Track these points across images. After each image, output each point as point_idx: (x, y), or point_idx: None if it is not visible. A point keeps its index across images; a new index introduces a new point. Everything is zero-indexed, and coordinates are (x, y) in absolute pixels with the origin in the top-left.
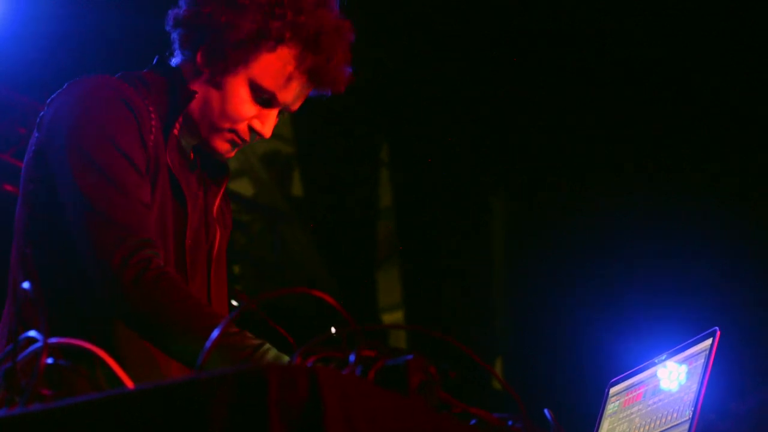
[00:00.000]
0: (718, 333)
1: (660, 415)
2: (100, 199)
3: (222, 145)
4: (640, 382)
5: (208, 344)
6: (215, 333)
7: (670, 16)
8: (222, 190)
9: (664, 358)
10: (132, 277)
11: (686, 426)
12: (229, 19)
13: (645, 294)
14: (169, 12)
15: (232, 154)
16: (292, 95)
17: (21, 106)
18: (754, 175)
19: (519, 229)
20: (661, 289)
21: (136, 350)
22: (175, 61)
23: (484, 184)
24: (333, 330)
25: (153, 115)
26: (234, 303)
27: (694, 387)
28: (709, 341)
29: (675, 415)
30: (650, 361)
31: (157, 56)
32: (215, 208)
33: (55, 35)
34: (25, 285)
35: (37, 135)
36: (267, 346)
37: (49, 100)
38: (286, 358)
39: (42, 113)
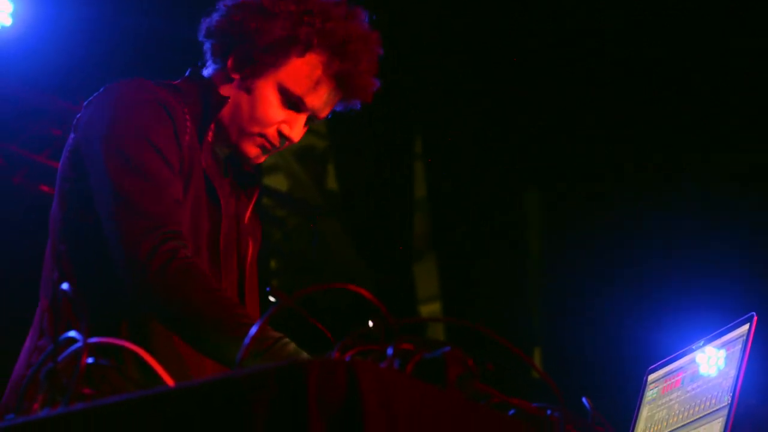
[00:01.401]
0: (755, 318)
1: (699, 401)
2: (130, 191)
3: (252, 150)
4: (679, 369)
5: (246, 340)
6: (253, 330)
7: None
8: (252, 202)
9: (701, 344)
10: (158, 266)
11: (725, 411)
12: (259, 25)
13: (682, 280)
14: (202, 22)
15: (262, 159)
16: (320, 100)
17: (55, 109)
18: None
19: (554, 220)
20: (697, 275)
21: (168, 348)
22: (207, 71)
23: (519, 174)
24: (370, 324)
25: (188, 117)
26: (271, 299)
27: (733, 372)
28: (746, 326)
29: (714, 401)
30: (688, 347)
31: (189, 68)
32: (246, 219)
33: (88, 38)
34: (65, 286)
35: (73, 136)
36: (286, 339)
37: (86, 102)
38: (304, 353)
39: (78, 115)
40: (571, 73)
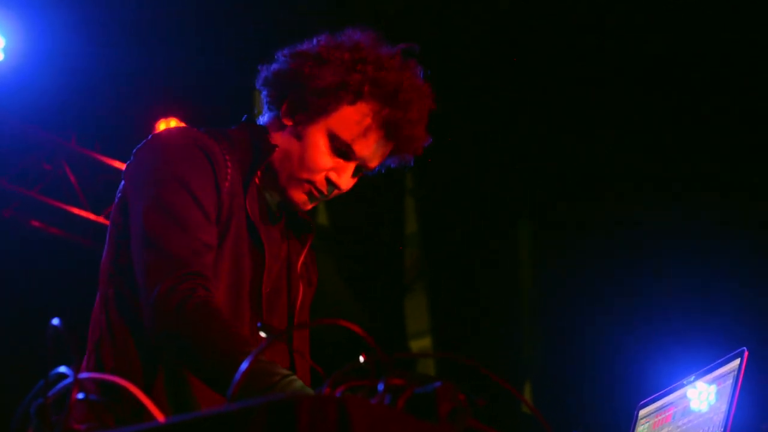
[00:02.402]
0: (746, 353)
1: None
2: (158, 233)
3: (299, 196)
4: (670, 404)
5: (238, 375)
6: (244, 364)
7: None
8: (306, 248)
9: (692, 379)
10: (175, 304)
11: None
12: (312, 71)
13: (672, 316)
14: (260, 71)
15: (310, 206)
16: (368, 149)
17: (47, 143)
18: None
19: (545, 254)
20: (688, 310)
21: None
22: (262, 118)
23: (510, 208)
24: (361, 359)
25: (229, 164)
26: (262, 334)
27: (724, 407)
28: (737, 361)
29: None
30: (679, 382)
31: (245, 115)
32: (299, 265)
33: (80, 73)
34: (55, 321)
35: (122, 183)
36: (293, 376)
37: (135, 150)
38: (310, 390)
39: (128, 162)
40: (559, 103)
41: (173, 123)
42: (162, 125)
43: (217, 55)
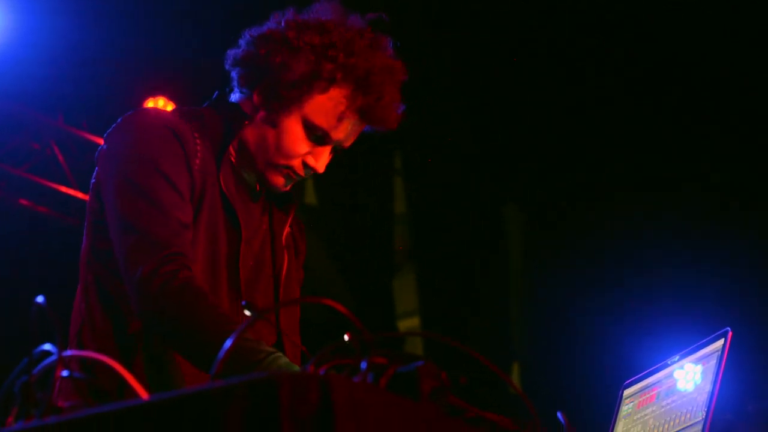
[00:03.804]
0: (730, 333)
1: (674, 416)
2: (135, 216)
3: (277, 180)
4: (654, 384)
5: (221, 354)
6: (228, 342)
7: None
8: (290, 219)
9: (677, 359)
10: (158, 286)
11: (700, 426)
12: (284, 59)
13: (657, 296)
14: (228, 52)
15: (288, 188)
16: (344, 133)
17: (35, 123)
18: None
19: (533, 235)
20: (672, 291)
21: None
22: (234, 96)
23: (499, 189)
24: (346, 338)
25: (199, 142)
26: (247, 312)
27: (708, 387)
28: (721, 342)
29: (689, 415)
30: (663, 362)
31: (216, 91)
32: (284, 235)
33: (70, 53)
34: (39, 299)
35: (96, 168)
36: (278, 354)
37: (106, 134)
38: (296, 367)
39: (99, 148)
40: (550, 90)
41: (161, 101)
42: (150, 103)
43: (205, 32)
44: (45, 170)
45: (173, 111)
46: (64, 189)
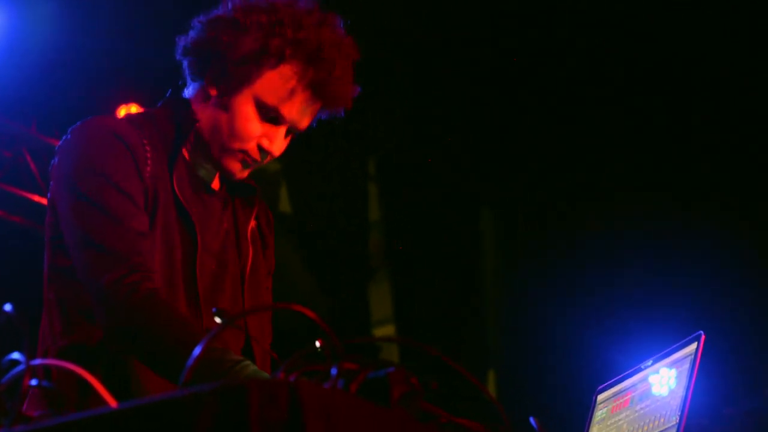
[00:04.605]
0: (703, 337)
1: (648, 420)
2: (92, 230)
3: (233, 165)
4: (628, 388)
5: (189, 361)
6: (197, 350)
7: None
8: (254, 213)
9: (650, 363)
10: (122, 297)
11: (674, 430)
12: (231, 39)
13: (630, 301)
14: (177, 41)
15: (245, 174)
16: (296, 111)
17: (7, 131)
18: (740, 181)
19: (507, 241)
20: (645, 295)
21: (154, 385)
22: (187, 91)
23: (473, 196)
24: (317, 344)
25: (148, 147)
26: (217, 319)
27: (681, 391)
28: (694, 345)
29: (662, 419)
30: (636, 366)
31: (170, 90)
32: (249, 229)
33: (40, 59)
34: (7, 307)
35: (51, 183)
36: (247, 362)
37: (57, 147)
38: (265, 374)
39: (52, 161)
40: (525, 92)
41: (134, 109)
42: (122, 111)
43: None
44: (18, 179)
45: (122, 118)
46: (36, 198)
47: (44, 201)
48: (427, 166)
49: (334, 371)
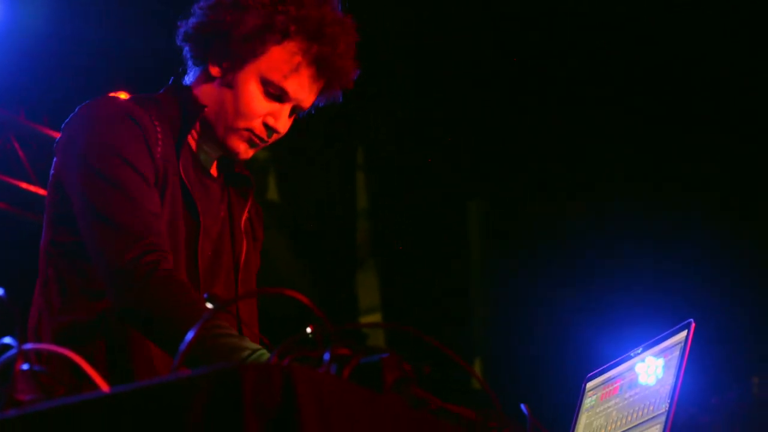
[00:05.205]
0: (693, 325)
1: (637, 408)
2: (108, 208)
3: (239, 145)
4: (617, 376)
5: (182, 347)
6: (190, 335)
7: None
8: (249, 204)
9: (639, 351)
10: (140, 277)
11: (663, 418)
12: (234, 18)
13: (620, 288)
14: (179, 26)
15: (250, 153)
16: (302, 88)
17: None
18: (729, 172)
19: (495, 230)
20: (635, 284)
21: (148, 367)
22: (188, 77)
23: (461, 185)
24: (308, 330)
25: (159, 129)
26: (208, 305)
27: (671, 379)
28: (684, 333)
29: (652, 407)
30: (626, 354)
31: (172, 77)
32: (243, 221)
33: (30, 46)
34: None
35: (55, 160)
36: (263, 350)
37: (63, 125)
38: None
39: (58, 139)
40: (513, 84)
41: (122, 96)
42: None
43: (169, 27)
44: (5, 166)
45: (130, 99)
46: (24, 185)
47: (32, 188)
48: (415, 155)
49: (326, 356)
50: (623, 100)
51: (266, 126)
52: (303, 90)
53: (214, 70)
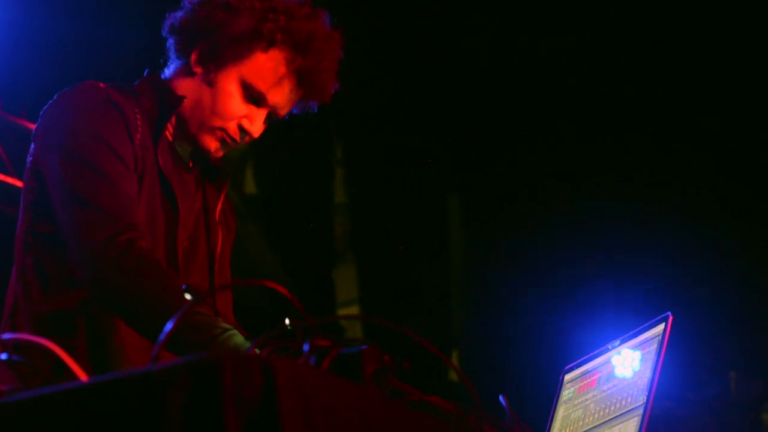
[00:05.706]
0: (671, 318)
1: (614, 400)
2: (85, 188)
3: (211, 143)
4: (594, 369)
5: (162, 335)
6: (168, 325)
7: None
8: (223, 195)
9: (617, 344)
10: (115, 254)
11: (640, 411)
12: (224, 19)
13: (598, 282)
14: (166, 18)
15: (221, 153)
16: (281, 96)
17: None
18: (708, 164)
19: (473, 223)
20: (614, 277)
21: (122, 357)
22: (168, 69)
23: (440, 179)
24: (287, 322)
25: (138, 116)
26: (187, 296)
27: (648, 372)
28: (661, 326)
29: (629, 400)
30: (604, 347)
31: (147, 69)
32: (218, 212)
33: (7, 39)
34: None
35: (32, 146)
36: (234, 331)
37: (42, 111)
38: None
39: (36, 125)
40: (491, 79)
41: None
42: None
43: (148, 19)
44: None
45: (109, 85)
46: (2, 177)
47: (9, 180)
48: (394, 148)
49: (306, 347)
50: (602, 94)
51: (240, 128)
52: (282, 99)
53: (197, 67)
